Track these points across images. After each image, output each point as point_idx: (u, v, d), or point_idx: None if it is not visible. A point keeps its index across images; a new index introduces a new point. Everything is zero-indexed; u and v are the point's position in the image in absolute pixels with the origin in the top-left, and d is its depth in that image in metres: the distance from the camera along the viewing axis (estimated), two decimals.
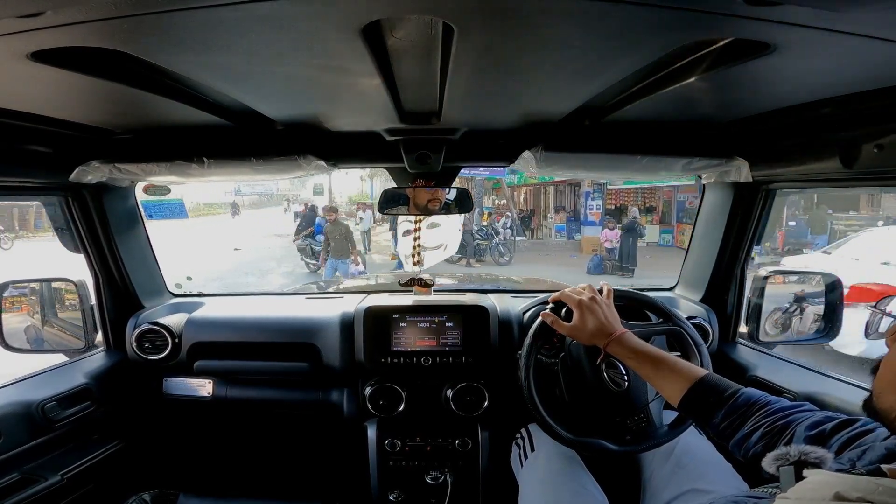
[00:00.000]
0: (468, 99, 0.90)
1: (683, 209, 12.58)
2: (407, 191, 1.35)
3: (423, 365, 1.30)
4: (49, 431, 1.15)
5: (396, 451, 1.33)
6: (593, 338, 1.00)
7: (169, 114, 0.96)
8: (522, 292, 1.69)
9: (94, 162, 1.13)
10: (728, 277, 1.44)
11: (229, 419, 1.50)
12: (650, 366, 0.93)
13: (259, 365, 1.39)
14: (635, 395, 1.07)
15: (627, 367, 1.05)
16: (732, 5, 0.47)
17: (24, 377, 1.25)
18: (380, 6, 0.50)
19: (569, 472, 1.07)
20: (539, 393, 1.06)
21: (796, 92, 0.81)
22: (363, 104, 0.93)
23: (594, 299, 1.02)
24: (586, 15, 0.53)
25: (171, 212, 7.43)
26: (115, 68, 0.66)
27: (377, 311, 1.33)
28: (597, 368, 1.07)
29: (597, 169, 1.21)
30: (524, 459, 1.16)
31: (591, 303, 1.01)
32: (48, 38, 0.54)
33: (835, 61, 0.64)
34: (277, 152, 1.15)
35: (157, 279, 1.58)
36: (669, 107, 0.92)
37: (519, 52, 0.64)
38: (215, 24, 0.54)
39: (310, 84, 0.80)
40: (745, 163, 1.12)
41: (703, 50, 0.61)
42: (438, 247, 1.50)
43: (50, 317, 1.76)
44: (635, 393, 1.07)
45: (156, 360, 1.39)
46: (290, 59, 0.66)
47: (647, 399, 1.08)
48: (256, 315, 1.47)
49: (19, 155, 1.04)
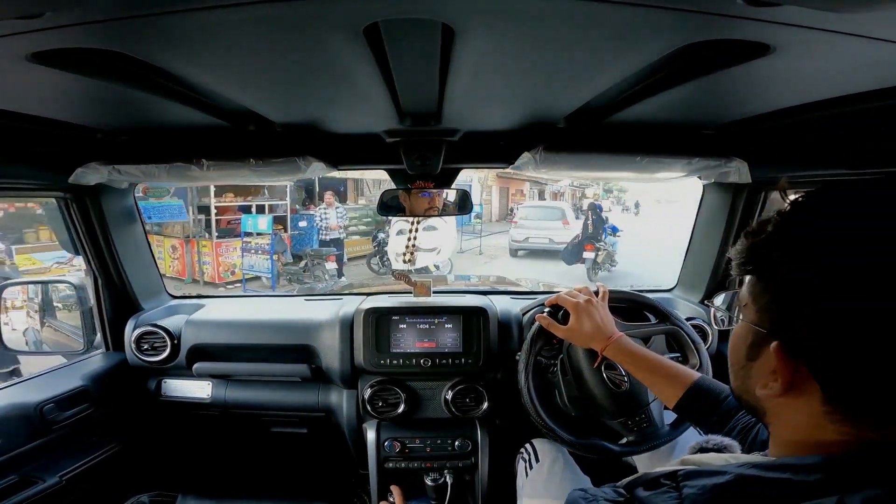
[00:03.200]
0: (468, 100, 0.90)
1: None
2: (406, 192, 1.35)
3: (422, 366, 1.30)
4: (48, 433, 1.15)
5: (396, 452, 1.33)
6: (590, 341, 1.00)
7: (168, 115, 0.96)
8: (521, 294, 1.69)
9: (94, 163, 1.12)
10: (727, 278, 1.44)
11: (228, 421, 1.50)
12: (646, 370, 0.94)
13: (258, 367, 1.39)
14: (636, 395, 1.06)
15: (631, 379, 1.05)
16: (732, 6, 0.47)
17: (23, 379, 1.25)
18: (379, 8, 0.50)
19: (572, 483, 1.08)
20: (538, 394, 1.06)
21: (796, 93, 0.81)
22: (363, 105, 0.93)
23: (591, 302, 1.03)
24: (586, 16, 0.53)
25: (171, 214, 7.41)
26: (115, 70, 0.66)
27: (376, 312, 1.32)
28: (597, 369, 1.07)
29: (597, 170, 1.21)
30: (529, 470, 1.16)
31: (587, 305, 1.02)
32: (48, 39, 0.54)
33: (835, 62, 0.64)
34: (277, 154, 1.15)
35: (156, 281, 1.58)
36: (669, 108, 0.92)
37: (519, 53, 0.64)
38: (215, 25, 0.54)
39: (309, 85, 0.80)
40: (745, 164, 1.12)
41: (703, 51, 0.61)
42: (433, 249, 1.50)
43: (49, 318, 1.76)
44: (636, 393, 1.06)
45: (155, 361, 1.39)
46: (289, 61, 0.66)
47: (648, 399, 1.08)
48: (255, 317, 1.47)
49: (19, 156, 1.04)
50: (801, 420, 0.43)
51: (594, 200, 13.17)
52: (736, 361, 0.51)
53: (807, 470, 0.39)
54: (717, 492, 0.41)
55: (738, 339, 0.51)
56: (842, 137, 0.91)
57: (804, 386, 0.42)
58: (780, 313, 0.43)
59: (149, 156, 1.14)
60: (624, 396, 1.06)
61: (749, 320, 0.47)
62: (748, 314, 0.48)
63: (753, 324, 0.46)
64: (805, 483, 0.39)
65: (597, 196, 23.54)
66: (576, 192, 26.50)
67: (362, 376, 1.35)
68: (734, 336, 0.52)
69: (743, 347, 0.49)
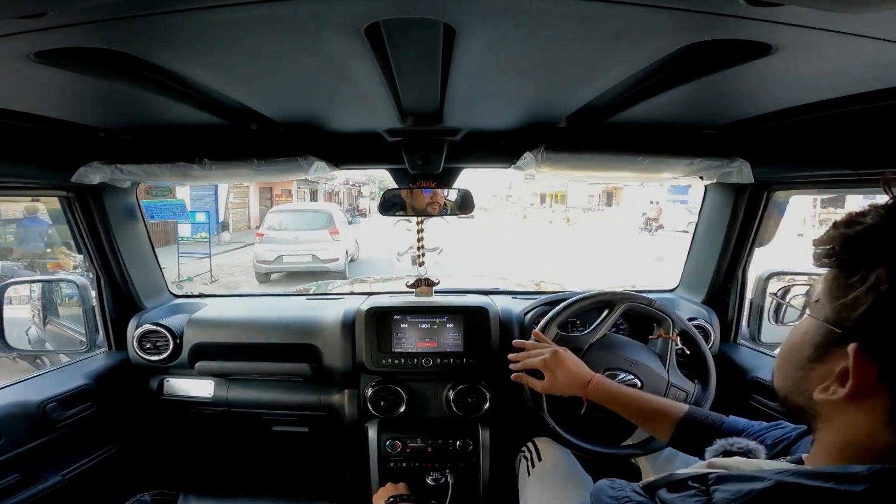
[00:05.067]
0: (470, 100, 0.90)
1: None
2: (407, 192, 1.35)
3: (423, 366, 1.30)
4: (50, 432, 1.15)
5: (397, 452, 1.33)
6: (570, 389, 0.98)
7: (170, 114, 0.96)
8: (523, 294, 1.69)
9: (96, 163, 1.13)
10: (729, 279, 1.43)
11: (230, 420, 1.50)
12: (632, 408, 0.92)
13: (260, 366, 1.39)
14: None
15: (632, 373, 1.05)
16: (734, 6, 0.47)
17: (26, 378, 1.25)
18: (380, 8, 0.50)
19: (575, 484, 1.07)
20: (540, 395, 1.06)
21: (798, 93, 0.81)
22: (364, 105, 0.93)
23: (556, 353, 1.00)
24: (587, 16, 0.53)
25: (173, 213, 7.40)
26: (117, 69, 0.66)
27: (378, 311, 1.33)
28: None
29: (598, 169, 1.21)
30: (531, 468, 1.16)
31: (554, 357, 0.99)
32: (50, 38, 0.55)
33: (837, 62, 0.64)
34: (279, 153, 1.15)
35: (159, 280, 1.58)
36: (671, 108, 0.92)
37: (520, 53, 0.64)
38: (216, 24, 0.54)
39: (311, 85, 0.80)
40: (747, 164, 1.12)
41: (705, 51, 0.61)
42: (434, 249, 1.50)
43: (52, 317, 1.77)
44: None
45: (157, 360, 1.39)
46: (291, 60, 0.67)
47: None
48: (257, 316, 1.47)
49: (22, 156, 1.04)
50: (856, 427, 0.42)
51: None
52: (795, 361, 0.48)
53: (853, 480, 0.37)
54: (752, 498, 0.39)
55: (803, 337, 0.47)
56: (844, 137, 0.91)
57: (871, 392, 0.40)
58: (868, 312, 0.40)
59: (151, 155, 1.14)
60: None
61: (822, 318, 0.44)
62: (820, 311, 0.44)
63: (828, 322, 0.43)
64: (850, 493, 0.37)
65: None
66: (352, 190, 22.89)
67: (364, 376, 1.35)
68: (797, 334, 0.48)
69: (808, 347, 0.45)
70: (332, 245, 7.49)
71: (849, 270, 0.42)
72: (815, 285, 0.46)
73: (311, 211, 8.67)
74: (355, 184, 22.82)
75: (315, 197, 18.98)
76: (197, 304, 1.56)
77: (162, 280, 1.60)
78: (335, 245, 7.51)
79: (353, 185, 22.83)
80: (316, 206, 11.94)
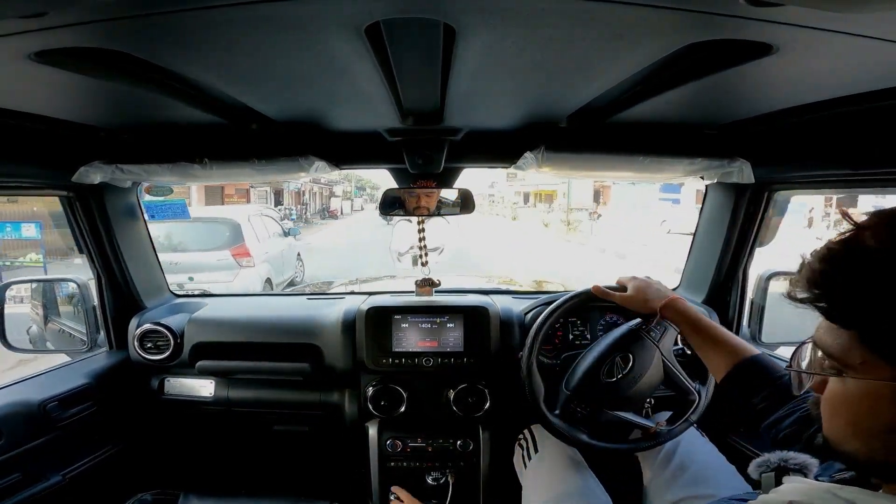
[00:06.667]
0: (470, 100, 0.90)
1: None
2: (408, 192, 1.35)
3: (424, 366, 1.30)
4: (51, 431, 1.15)
5: (397, 451, 1.33)
6: (648, 303, 1.01)
7: (171, 114, 0.96)
8: (524, 293, 1.69)
9: (97, 162, 1.13)
10: (730, 278, 1.43)
11: (230, 419, 1.50)
12: (701, 333, 0.94)
13: (260, 365, 1.39)
14: (637, 394, 1.06)
15: (635, 367, 1.04)
16: (734, 6, 0.47)
17: (27, 377, 1.26)
18: (381, 7, 0.50)
19: (573, 473, 1.07)
20: (541, 392, 1.06)
21: (799, 93, 0.81)
22: (364, 104, 0.93)
23: (646, 278, 1.07)
24: (588, 16, 0.52)
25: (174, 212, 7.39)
26: (118, 69, 0.66)
27: (379, 311, 1.32)
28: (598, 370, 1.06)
29: (599, 169, 1.21)
30: (528, 460, 1.16)
31: (642, 279, 1.06)
32: (50, 38, 0.55)
33: (837, 62, 0.64)
34: (279, 153, 1.15)
35: (159, 279, 1.58)
36: (672, 107, 0.92)
37: (520, 53, 0.64)
38: (217, 24, 0.54)
39: (311, 84, 0.80)
40: (748, 164, 1.12)
41: (706, 51, 0.61)
42: (436, 248, 1.50)
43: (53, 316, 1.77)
44: (637, 393, 1.06)
45: (158, 360, 1.39)
46: (291, 60, 0.67)
47: (649, 399, 1.08)
48: (258, 315, 1.47)
49: (22, 155, 1.04)
50: None
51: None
52: (872, 426, 0.44)
53: None
54: None
55: (875, 403, 0.43)
56: (844, 137, 0.91)
57: None
58: None
59: (151, 155, 1.15)
60: (625, 396, 1.05)
61: (889, 378, 0.41)
62: (877, 372, 0.42)
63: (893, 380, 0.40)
64: None
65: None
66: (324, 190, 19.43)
67: (364, 375, 1.35)
68: (866, 400, 0.44)
69: (887, 411, 0.42)
70: (237, 272, 4.92)
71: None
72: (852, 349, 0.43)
73: (205, 221, 5.45)
74: (327, 182, 20.54)
75: (280, 197, 15.90)
76: (198, 303, 1.57)
77: (163, 279, 1.60)
78: (241, 273, 4.94)
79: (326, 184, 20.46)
80: (215, 212, 6.72)
